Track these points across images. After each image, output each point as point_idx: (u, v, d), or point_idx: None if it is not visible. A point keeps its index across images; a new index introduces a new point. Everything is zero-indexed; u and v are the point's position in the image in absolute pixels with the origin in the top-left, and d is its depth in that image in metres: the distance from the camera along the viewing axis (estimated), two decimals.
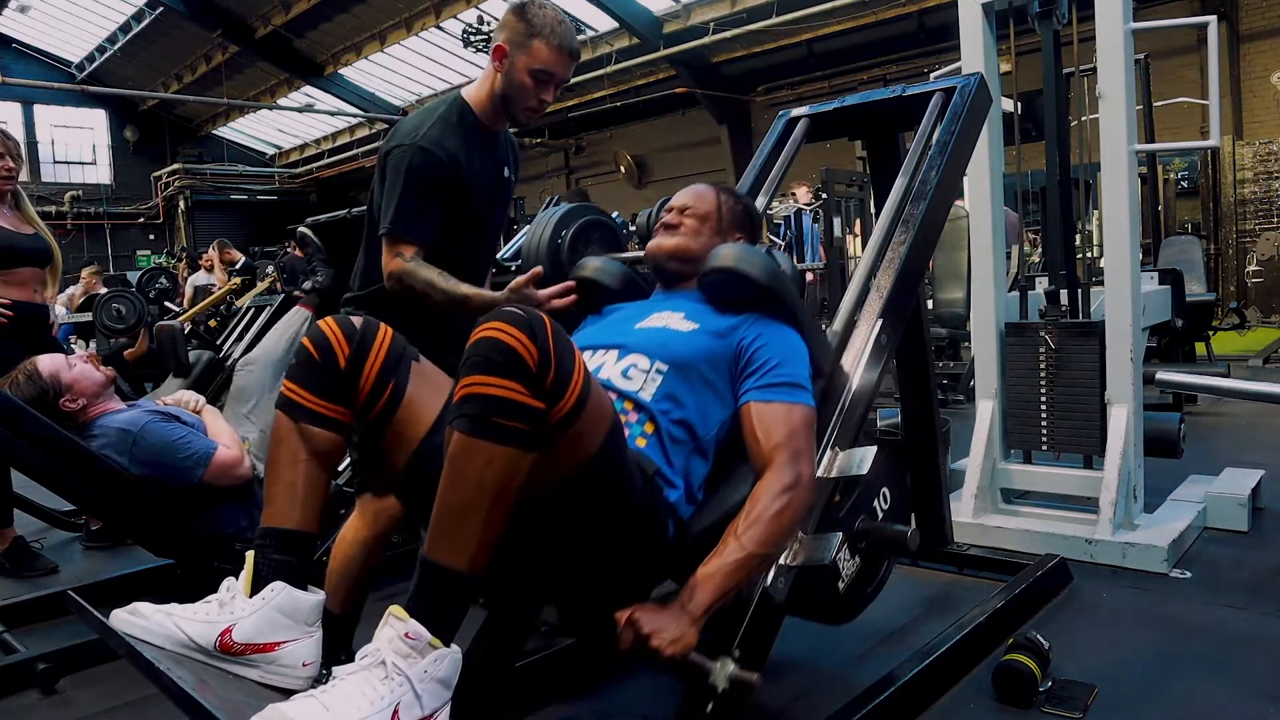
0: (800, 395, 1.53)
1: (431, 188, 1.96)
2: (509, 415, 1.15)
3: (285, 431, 1.43)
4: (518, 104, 2.03)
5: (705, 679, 1.34)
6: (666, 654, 1.27)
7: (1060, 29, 2.98)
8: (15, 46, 19.18)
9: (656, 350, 1.57)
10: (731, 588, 1.35)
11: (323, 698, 1.13)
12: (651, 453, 1.47)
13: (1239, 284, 10.04)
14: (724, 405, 1.56)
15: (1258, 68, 9.95)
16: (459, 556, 1.19)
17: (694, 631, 1.30)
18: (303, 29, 16.10)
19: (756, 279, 1.61)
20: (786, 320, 1.62)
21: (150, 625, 1.31)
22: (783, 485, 1.40)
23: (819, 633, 2.30)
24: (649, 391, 1.52)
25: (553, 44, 1.97)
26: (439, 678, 1.18)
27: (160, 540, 2.50)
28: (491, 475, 1.16)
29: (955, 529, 2.75)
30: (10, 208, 3.05)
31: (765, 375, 1.53)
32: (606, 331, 1.70)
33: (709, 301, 1.68)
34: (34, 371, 2.48)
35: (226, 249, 8.71)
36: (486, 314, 1.20)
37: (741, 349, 1.57)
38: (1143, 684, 1.96)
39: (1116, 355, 2.80)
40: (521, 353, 1.14)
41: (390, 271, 1.97)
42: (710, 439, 1.54)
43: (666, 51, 12.79)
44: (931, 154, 2.00)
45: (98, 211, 20.00)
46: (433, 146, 1.95)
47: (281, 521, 1.41)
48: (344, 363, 1.43)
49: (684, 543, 1.47)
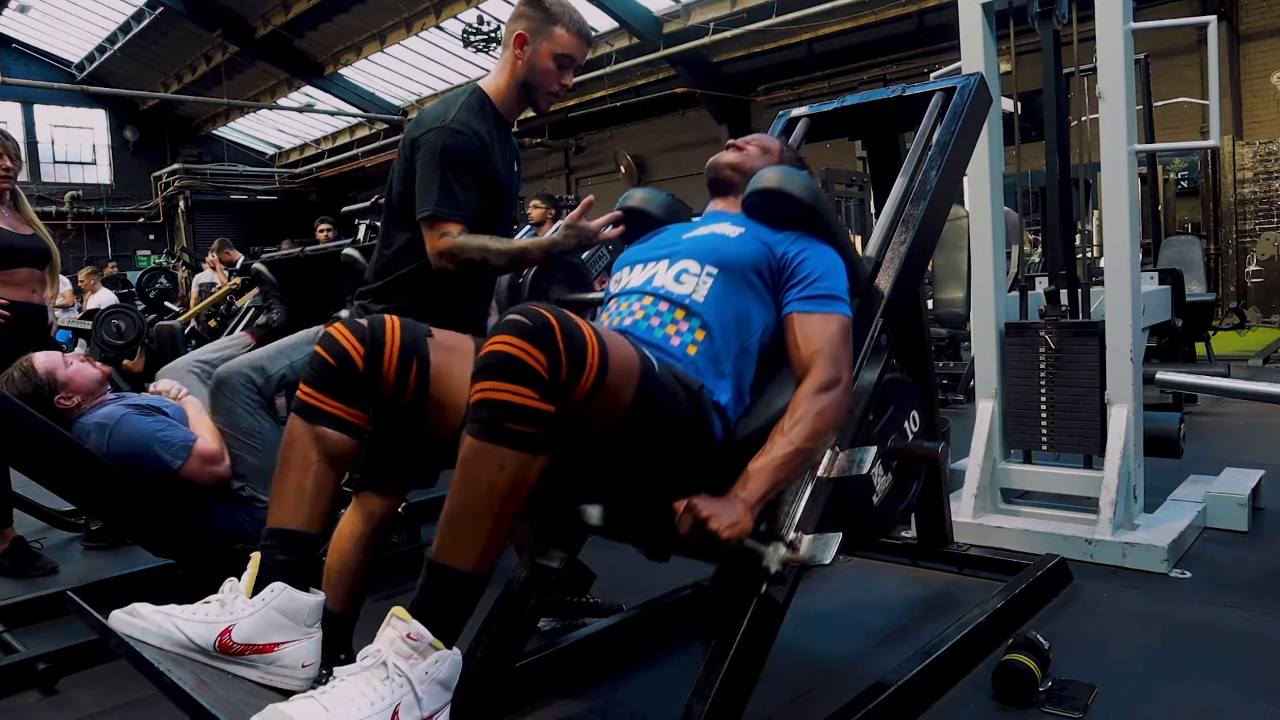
0: (839, 306, 1.64)
1: (467, 169, 1.97)
2: (520, 420, 1.19)
3: (299, 434, 1.45)
4: (541, 89, 2.08)
5: (759, 562, 1.45)
6: (724, 536, 1.36)
7: (1060, 29, 2.98)
8: (15, 46, 19.19)
9: (706, 255, 1.68)
10: (781, 480, 1.47)
11: (322, 698, 1.13)
12: (702, 358, 1.58)
13: (1239, 284, 10.04)
14: (767, 310, 1.67)
15: (1258, 68, 9.95)
16: (467, 557, 1.23)
17: (749, 518, 1.40)
18: (303, 29, 16.10)
19: (799, 197, 1.72)
20: (825, 239, 1.72)
21: (149, 626, 1.31)
22: (824, 387, 1.53)
23: (819, 633, 2.31)
24: (700, 294, 1.63)
25: (572, 29, 2.04)
26: (439, 679, 1.18)
27: (159, 540, 2.50)
28: (503, 478, 1.21)
29: (955, 529, 2.75)
30: (9, 208, 3.05)
31: (807, 288, 1.64)
32: (656, 246, 1.81)
33: (753, 219, 1.78)
34: (30, 368, 2.47)
35: (227, 249, 8.71)
36: (501, 317, 1.23)
37: (785, 262, 1.68)
38: (1143, 684, 1.96)
39: (1116, 355, 2.80)
40: (529, 362, 1.19)
41: (440, 251, 1.94)
42: (755, 343, 1.65)
43: (666, 51, 12.80)
44: (931, 154, 2.00)
45: (98, 211, 20.01)
46: (463, 128, 1.97)
47: (288, 522, 1.42)
48: (361, 363, 1.44)
49: (731, 446, 1.56)
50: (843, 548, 1.48)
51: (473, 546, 1.23)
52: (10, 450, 2.35)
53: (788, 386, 1.60)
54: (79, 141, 20.68)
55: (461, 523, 1.23)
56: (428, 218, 1.95)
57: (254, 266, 3.80)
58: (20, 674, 2.18)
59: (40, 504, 3.49)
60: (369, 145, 18.85)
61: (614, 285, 1.85)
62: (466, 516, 1.23)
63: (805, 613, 2.29)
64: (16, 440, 2.29)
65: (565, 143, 16.92)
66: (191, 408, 2.57)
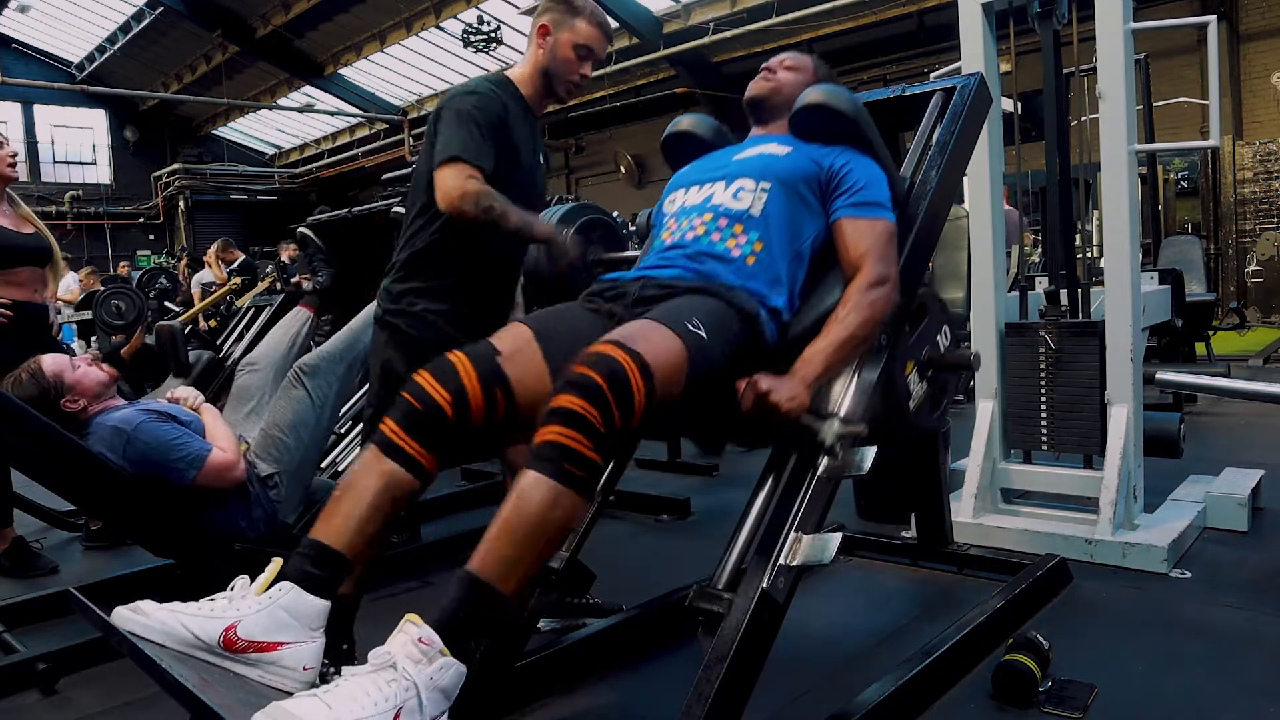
0: (884, 212, 1.78)
1: (489, 128, 2.03)
2: (578, 464, 1.31)
3: (371, 462, 1.48)
4: (561, 78, 2.18)
5: (815, 437, 1.55)
6: (784, 409, 1.50)
7: (1060, 29, 2.98)
8: (15, 46, 19.17)
9: (759, 172, 1.84)
10: (835, 362, 1.62)
11: (326, 696, 1.13)
12: (759, 267, 1.74)
13: (1239, 284, 10.03)
14: (817, 220, 1.82)
15: (1258, 68, 9.94)
16: (508, 580, 1.28)
17: (806, 393, 1.54)
18: (303, 29, 16.09)
19: (844, 111, 1.85)
20: (867, 152, 1.86)
21: (152, 623, 1.31)
22: (874, 281, 1.68)
23: (819, 633, 2.31)
24: (757, 208, 1.79)
25: (593, 21, 2.17)
26: (442, 686, 1.18)
27: (159, 540, 2.49)
28: (556, 514, 1.30)
29: (955, 529, 2.76)
30: (7, 207, 3.05)
31: (854, 195, 1.79)
32: (709, 169, 1.95)
33: (799, 137, 1.92)
34: (37, 370, 2.47)
35: (229, 248, 8.71)
36: (565, 381, 1.34)
37: (832, 173, 1.82)
38: (1143, 684, 1.96)
39: (1116, 355, 2.80)
40: (589, 418, 1.31)
41: (465, 191, 1.96)
42: (807, 249, 1.80)
43: (666, 51, 12.79)
44: (931, 154, 2.00)
45: (98, 211, 20.00)
46: (486, 91, 2.07)
47: (328, 538, 1.43)
48: (450, 411, 1.47)
49: (785, 343, 1.71)
50: (881, 445, 1.58)
51: (513, 572, 1.28)
52: (11, 451, 2.34)
53: (834, 288, 1.75)
54: (79, 141, 20.67)
55: (509, 546, 1.29)
56: (451, 158, 1.98)
57: (299, 230, 3.83)
58: (20, 674, 2.18)
59: (40, 504, 3.49)
60: (369, 145, 18.84)
61: (669, 206, 1.97)
62: (516, 540, 1.29)
63: (805, 613, 2.29)
64: (17, 441, 2.29)
65: (565, 143, 16.91)
66: (208, 415, 2.57)
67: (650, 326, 1.47)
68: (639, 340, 1.39)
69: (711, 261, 1.74)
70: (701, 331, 1.51)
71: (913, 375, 1.91)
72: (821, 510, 1.57)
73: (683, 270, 1.75)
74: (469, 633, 1.25)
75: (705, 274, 1.73)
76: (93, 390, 2.49)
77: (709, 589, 1.56)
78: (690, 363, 1.47)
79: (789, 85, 2.00)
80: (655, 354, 1.39)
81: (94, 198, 20.21)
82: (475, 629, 1.27)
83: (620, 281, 1.80)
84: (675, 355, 1.44)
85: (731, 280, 1.71)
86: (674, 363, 1.44)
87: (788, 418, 1.51)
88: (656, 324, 1.48)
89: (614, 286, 1.78)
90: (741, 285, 1.70)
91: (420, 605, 1.26)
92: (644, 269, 1.83)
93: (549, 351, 1.58)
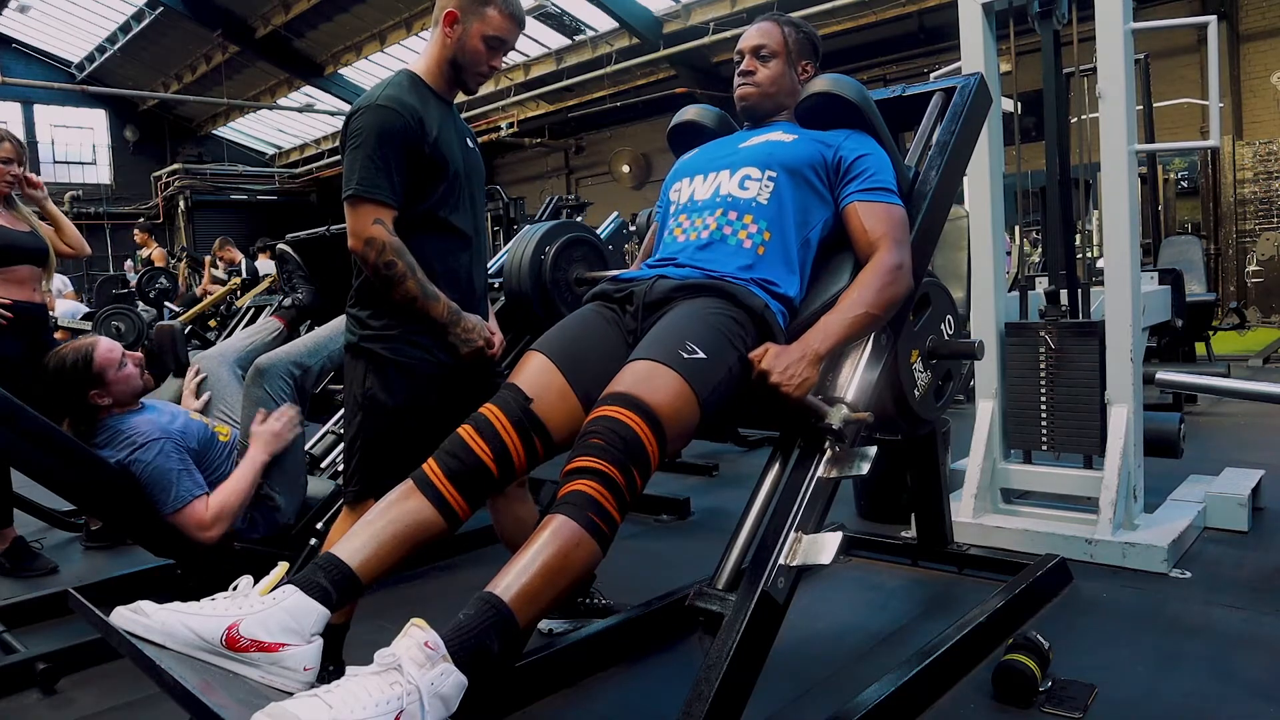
0: (895, 198, 1.82)
1: (397, 147, 1.86)
2: (599, 515, 1.36)
3: (407, 494, 1.50)
4: (469, 70, 1.99)
5: (823, 420, 1.59)
6: (792, 389, 1.55)
7: (1060, 29, 2.99)
8: (15, 46, 19.15)
9: (765, 160, 1.85)
10: (846, 337, 1.66)
11: (327, 696, 1.12)
12: (771, 255, 1.76)
13: (1239, 284, 10.04)
14: (825, 206, 1.84)
15: (1258, 68, 9.94)
16: (525, 611, 1.29)
17: (814, 371, 1.60)
18: (303, 29, 16.08)
19: (849, 98, 1.88)
20: (872, 138, 1.89)
21: (152, 623, 1.30)
22: (890, 264, 1.73)
23: (819, 633, 2.31)
24: (764, 196, 1.81)
25: (505, 11, 1.97)
26: (443, 693, 1.17)
27: (159, 540, 2.49)
28: (576, 556, 1.34)
29: (955, 529, 2.76)
30: (5, 206, 3.05)
31: (865, 181, 1.82)
32: (715, 158, 1.94)
33: (805, 124, 1.94)
34: (89, 354, 2.41)
35: (228, 247, 8.71)
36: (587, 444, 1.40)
37: (840, 159, 1.84)
38: (1143, 684, 1.96)
39: (1116, 355, 2.80)
40: (617, 480, 1.38)
41: (370, 237, 1.82)
42: (815, 235, 1.83)
43: (666, 51, 12.79)
44: (931, 154, 2.01)
45: (98, 211, 19.96)
46: (391, 104, 1.87)
47: (347, 556, 1.43)
48: (495, 468, 1.52)
49: (793, 326, 1.74)
50: (885, 435, 1.65)
51: (534, 604, 1.30)
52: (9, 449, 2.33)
53: (842, 274, 1.80)
54: (79, 141, 20.65)
55: (535, 578, 1.30)
56: (350, 197, 1.84)
57: (279, 247, 3.72)
58: (20, 674, 2.18)
59: (40, 504, 3.49)
60: None
61: (675, 194, 1.98)
62: (542, 575, 1.30)
63: (805, 613, 2.29)
64: (15, 439, 2.28)
65: (565, 143, 16.91)
66: (246, 462, 2.48)
67: (655, 371, 1.48)
68: (645, 392, 1.44)
69: (722, 255, 1.76)
70: (700, 354, 1.52)
71: (917, 363, 1.94)
72: (821, 510, 1.58)
73: (691, 269, 1.76)
74: (477, 654, 1.22)
75: (714, 269, 1.74)
76: (124, 395, 2.47)
77: (709, 589, 1.56)
78: (698, 398, 1.50)
79: (770, 79, 1.98)
80: (663, 406, 1.44)
81: (94, 198, 20.17)
82: (476, 645, 1.23)
83: (630, 281, 1.80)
84: (681, 400, 1.48)
85: (741, 274, 1.72)
86: (680, 407, 1.48)
87: (795, 397, 1.55)
88: (659, 366, 1.49)
89: (624, 287, 1.79)
90: (751, 278, 1.72)
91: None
92: (654, 266, 1.84)
93: (574, 380, 1.61)
